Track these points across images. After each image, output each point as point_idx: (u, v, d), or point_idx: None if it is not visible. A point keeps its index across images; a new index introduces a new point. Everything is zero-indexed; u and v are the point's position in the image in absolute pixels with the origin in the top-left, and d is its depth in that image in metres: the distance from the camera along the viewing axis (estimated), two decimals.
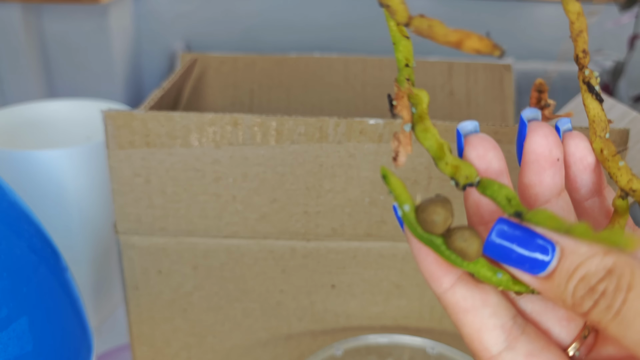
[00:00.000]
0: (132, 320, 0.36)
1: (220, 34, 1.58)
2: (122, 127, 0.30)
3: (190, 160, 0.31)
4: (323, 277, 0.35)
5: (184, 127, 0.30)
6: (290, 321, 0.36)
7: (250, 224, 0.33)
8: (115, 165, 0.31)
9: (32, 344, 0.25)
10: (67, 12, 1.35)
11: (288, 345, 0.37)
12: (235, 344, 0.37)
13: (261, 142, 0.31)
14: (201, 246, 0.33)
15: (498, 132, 0.30)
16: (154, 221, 0.33)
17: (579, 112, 0.40)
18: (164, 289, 0.35)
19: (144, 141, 0.30)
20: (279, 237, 0.33)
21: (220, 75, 0.51)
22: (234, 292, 0.35)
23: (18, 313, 0.25)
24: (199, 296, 0.35)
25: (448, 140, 0.31)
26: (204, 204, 0.32)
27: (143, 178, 0.31)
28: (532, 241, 0.16)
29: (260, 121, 0.30)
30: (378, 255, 0.34)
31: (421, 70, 0.50)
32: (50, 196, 0.42)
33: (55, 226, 0.42)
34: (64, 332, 0.29)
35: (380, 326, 0.37)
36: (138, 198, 0.32)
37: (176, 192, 0.32)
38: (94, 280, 0.48)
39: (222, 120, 0.30)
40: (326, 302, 0.35)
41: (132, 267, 0.34)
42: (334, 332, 0.37)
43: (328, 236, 0.33)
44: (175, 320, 0.36)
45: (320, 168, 0.31)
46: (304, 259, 0.34)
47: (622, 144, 0.31)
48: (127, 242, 0.33)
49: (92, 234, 0.45)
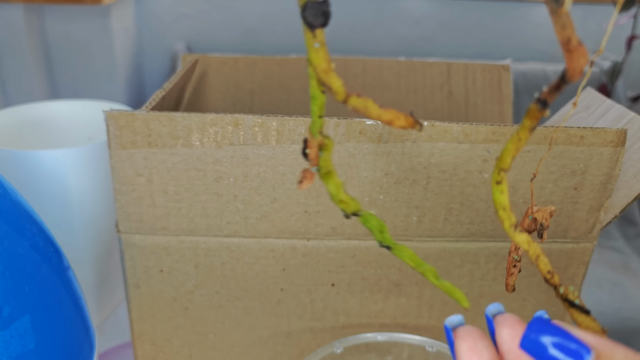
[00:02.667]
0: (134, 318, 0.36)
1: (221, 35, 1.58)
2: (124, 127, 0.30)
3: (192, 160, 0.31)
4: (323, 276, 0.35)
5: (186, 127, 0.30)
6: (291, 319, 0.36)
7: (251, 223, 0.33)
8: (117, 165, 0.31)
9: (34, 342, 0.25)
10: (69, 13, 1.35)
11: (288, 343, 0.37)
12: (236, 342, 0.37)
13: (262, 142, 0.31)
14: (202, 245, 0.34)
15: (496, 132, 0.31)
16: (156, 220, 0.33)
17: (579, 112, 0.40)
18: (166, 287, 0.35)
19: (146, 141, 0.31)
20: (279, 236, 0.34)
21: (221, 76, 0.51)
22: (234, 291, 0.35)
23: (20, 311, 0.25)
24: (200, 294, 0.35)
25: (447, 140, 0.31)
26: (205, 204, 0.32)
27: (145, 178, 0.32)
28: (568, 344, 0.17)
29: (261, 121, 0.30)
30: (377, 254, 0.34)
31: (420, 71, 0.51)
32: (53, 196, 0.42)
33: (58, 225, 0.42)
34: (66, 330, 0.29)
35: (379, 324, 0.37)
36: (140, 197, 0.32)
37: (178, 191, 0.32)
38: (96, 278, 0.48)
39: (223, 121, 0.30)
40: (326, 300, 0.36)
41: (133, 266, 0.34)
42: (334, 330, 0.37)
43: (328, 235, 0.34)
44: (176, 319, 0.36)
45: None
46: (304, 258, 0.34)
47: (619, 145, 0.31)
48: (129, 241, 0.34)
49: (94, 233, 0.45)
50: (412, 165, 0.31)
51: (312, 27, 0.16)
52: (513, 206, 0.33)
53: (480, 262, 0.35)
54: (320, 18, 0.16)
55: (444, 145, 0.31)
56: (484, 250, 0.34)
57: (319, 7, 0.16)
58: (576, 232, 0.34)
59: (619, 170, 0.32)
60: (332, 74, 0.17)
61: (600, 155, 0.31)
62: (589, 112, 0.39)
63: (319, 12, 0.16)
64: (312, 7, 0.16)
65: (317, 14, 0.16)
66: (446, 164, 0.31)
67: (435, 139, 0.31)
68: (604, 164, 0.32)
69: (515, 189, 0.32)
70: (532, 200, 0.25)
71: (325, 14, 0.16)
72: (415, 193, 0.32)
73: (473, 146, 0.31)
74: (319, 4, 0.16)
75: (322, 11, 0.16)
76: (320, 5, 0.16)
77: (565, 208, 0.33)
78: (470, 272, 0.35)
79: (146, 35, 1.57)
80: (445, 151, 0.31)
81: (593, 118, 0.38)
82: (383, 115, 0.18)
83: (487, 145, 0.31)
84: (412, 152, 0.31)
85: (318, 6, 0.16)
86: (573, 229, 0.34)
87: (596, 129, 0.31)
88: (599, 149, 0.31)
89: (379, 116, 0.18)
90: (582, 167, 0.32)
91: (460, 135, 0.31)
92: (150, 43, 1.58)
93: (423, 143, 0.31)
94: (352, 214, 0.21)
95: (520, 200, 0.33)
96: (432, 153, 0.31)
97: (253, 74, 0.51)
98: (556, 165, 0.32)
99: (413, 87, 0.43)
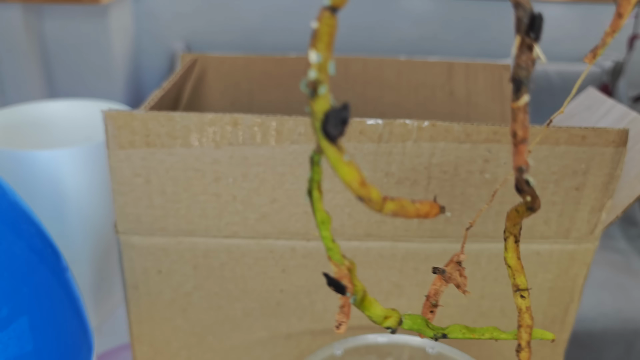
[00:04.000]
0: (132, 319, 0.36)
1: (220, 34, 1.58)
2: (123, 127, 0.30)
3: (191, 160, 0.31)
4: (323, 277, 0.35)
5: (184, 127, 0.30)
6: (290, 321, 0.36)
7: (250, 224, 0.33)
8: (116, 165, 0.31)
9: (32, 343, 0.25)
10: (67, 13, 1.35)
11: (288, 345, 0.37)
12: (235, 344, 0.37)
13: (261, 142, 0.31)
14: (201, 246, 0.33)
15: (497, 132, 0.30)
16: (154, 221, 0.33)
17: (580, 112, 0.40)
18: (164, 288, 0.35)
19: (144, 141, 0.30)
20: (279, 237, 0.33)
21: (220, 76, 0.51)
22: (234, 292, 0.35)
23: (18, 313, 0.25)
24: (199, 296, 0.35)
25: (448, 140, 0.31)
26: (204, 204, 0.32)
27: (143, 178, 0.31)
28: None
29: (260, 121, 0.30)
30: (378, 255, 0.34)
31: (421, 70, 0.50)
32: (51, 196, 0.42)
33: (56, 226, 0.42)
34: (64, 331, 0.29)
35: (379, 326, 0.37)
36: (138, 198, 0.32)
37: (176, 192, 0.32)
38: (94, 280, 0.48)
39: (222, 121, 0.30)
40: (326, 301, 0.36)
41: (132, 267, 0.34)
42: (334, 332, 0.37)
43: None
44: (175, 320, 0.36)
45: None
46: (304, 259, 0.34)
47: (621, 145, 0.31)
48: (127, 242, 0.33)
49: (93, 233, 0.45)
50: (412, 166, 0.31)
51: (333, 139, 0.14)
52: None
53: (482, 263, 0.34)
54: (340, 127, 0.14)
55: (445, 145, 0.31)
56: (485, 251, 0.34)
57: (338, 115, 0.14)
58: (578, 232, 0.34)
59: (620, 170, 0.32)
60: (368, 185, 0.15)
61: (602, 155, 0.31)
62: (591, 112, 0.39)
63: (339, 120, 0.14)
64: (333, 116, 0.14)
65: (337, 124, 0.14)
66: (447, 164, 0.31)
67: (436, 138, 0.31)
68: (605, 164, 0.32)
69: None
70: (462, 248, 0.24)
71: (344, 121, 0.14)
72: (416, 193, 0.32)
73: (474, 146, 0.31)
74: (339, 111, 0.14)
75: (341, 119, 0.14)
76: (340, 113, 0.14)
77: (567, 208, 0.33)
78: (472, 273, 0.35)
79: (145, 34, 1.57)
80: (446, 151, 0.31)
81: (595, 118, 0.38)
82: (420, 210, 0.17)
83: (488, 145, 0.31)
84: (413, 152, 0.31)
85: (338, 114, 0.14)
86: (575, 229, 0.34)
87: (598, 129, 0.31)
88: (601, 149, 0.31)
89: (417, 212, 0.17)
90: (584, 168, 0.32)
91: (462, 135, 0.31)
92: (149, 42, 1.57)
93: (424, 143, 0.31)
94: (399, 324, 0.22)
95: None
96: (433, 153, 0.31)
97: (252, 74, 0.51)
98: (558, 166, 0.32)
99: (414, 86, 0.43)
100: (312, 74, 0.13)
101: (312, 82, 0.13)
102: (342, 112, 0.14)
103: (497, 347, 0.38)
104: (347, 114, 0.14)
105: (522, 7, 0.15)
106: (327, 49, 0.13)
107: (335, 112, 0.13)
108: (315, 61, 0.13)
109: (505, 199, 0.32)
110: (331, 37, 0.13)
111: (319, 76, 0.13)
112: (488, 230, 0.33)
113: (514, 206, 0.20)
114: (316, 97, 0.13)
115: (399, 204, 0.16)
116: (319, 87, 0.13)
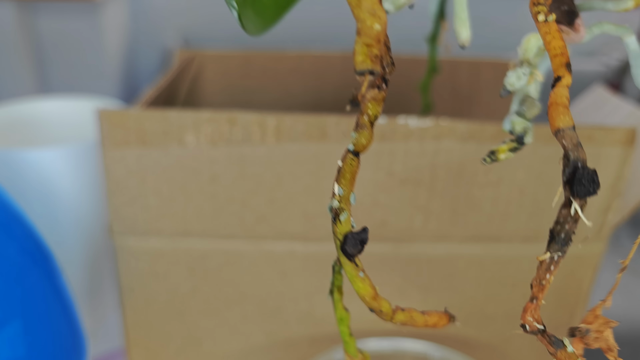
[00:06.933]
0: (128, 323, 0.35)
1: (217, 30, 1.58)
2: (117, 125, 0.30)
3: (187, 160, 0.30)
4: (323, 280, 0.34)
5: (180, 126, 0.30)
6: (290, 325, 0.36)
7: (248, 225, 0.32)
8: (110, 164, 0.31)
9: (25, 347, 0.25)
10: (61, 10, 1.35)
11: (287, 350, 0.36)
12: (233, 349, 0.36)
13: (259, 141, 0.30)
14: (198, 248, 0.33)
15: (502, 131, 0.30)
16: (150, 222, 0.32)
17: (587, 111, 0.39)
18: (160, 291, 0.34)
19: (139, 140, 0.30)
20: (277, 239, 0.33)
21: (217, 73, 0.51)
22: (231, 295, 0.34)
23: (11, 316, 0.24)
24: (195, 299, 0.34)
25: (452, 138, 0.30)
26: (200, 205, 0.32)
27: (138, 178, 0.31)
28: None
29: (259, 119, 0.29)
30: (379, 258, 0.33)
31: (425, 67, 0.50)
32: (43, 197, 0.41)
33: (48, 228, 0.41)
34: (58, 335, 0.28)
35: (381, 330, 0.36)
36: (133, 198, 0.31)
37: (172, 192, 0.31)
38: (88, 282, 0.47)
39: (219, 119, 0.29)
40: (326, 305, 0.35)
41: (127, 269, 0.34)
42: (335, 337, 0.36)
43: (328, 238, 0.33)
44: (171, 324, 0.35)
45: (320, 168, 0.31)
46: (303, 262, 0.33)
47: (629, 144, 0.31)
48: (122, 243, 0.33)
49: (86, 235, 0.45)
50: (416, 165, 0.31)
51: (350, 257, 0.15)
52: (519, 207, 0.32)
53: (487, 265, 0.34)
54: (358, 246, 0.15)
55: (449, 143, 0.30)
56: (490, 253, 0.34)
57: (357, 237, 0.15)
58: (584, 233, 0.33)
59: (628, 170, 0.32)
60: (380, 298, 0.16)
61: (609, 154, 0.31)
62: (598, 111, 0.38)
63: (357, 241, 0.15)
64: (352, 238, 0.15)
65: (355, 244, 0.15)
66: (451, 163, 0.31)
67: (440, 137, 0.30)
68: (613, 163, 0.31)
69: (522, 190, 0.32)
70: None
71: (363, 242, 0.15)
72: (420, 193, 0.31)
73: (479, 145, 0.30)
74: (358, 234, 0.15)
75: (360, 240, 0.15)
76: (359, 235, 0.15)
77: None
78: (476, 275, 0.34)
79: (140, 30, 1.56)
80: (451, 150, 0.30)
81: (602, 117, 0.37)
82: (429, 321, 0.18)
83: (493, 144, 0.30)
84: (416, 151, 0.30)
85: (357, 236, 0.15)
86: (581, 230, 0.33)
87: (605, 128, 0.30)
88: (608, 148, 0.31)
89: (425, 323, 0.18)
90: (591, 167, 0.31)
91: (466, 133, 0.30)
92: (145, 39, 1.57)
93: (428, 142, 0.30)
94: None
95: (529, 201, 0.32)
96: (437, 152, 0.30)
97: (250, 71, 0.51)
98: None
99: (417, 84, 0.43)
100: (335, 203, 0.15)
101: (335, 209, 0.15)
102: (361, 234, 0.15)
103: (501, 350, 0.37)
104: (366, 237, 0.15)
105: (566, 155, 0.13)
106: (349, 184, 0.16)
107: (354, 235, 0.15)
108: (338, 193, 0.15)
109: (511, 200, 0.32)
110: (353, 175, 0.16)
111: (342, 205, 0.15)
112: (493, 232, 0.33)
113: None
114: (338, 222, 0.15)
115: (409, 315, 0.17)
116: (341, 214, 0.15)
